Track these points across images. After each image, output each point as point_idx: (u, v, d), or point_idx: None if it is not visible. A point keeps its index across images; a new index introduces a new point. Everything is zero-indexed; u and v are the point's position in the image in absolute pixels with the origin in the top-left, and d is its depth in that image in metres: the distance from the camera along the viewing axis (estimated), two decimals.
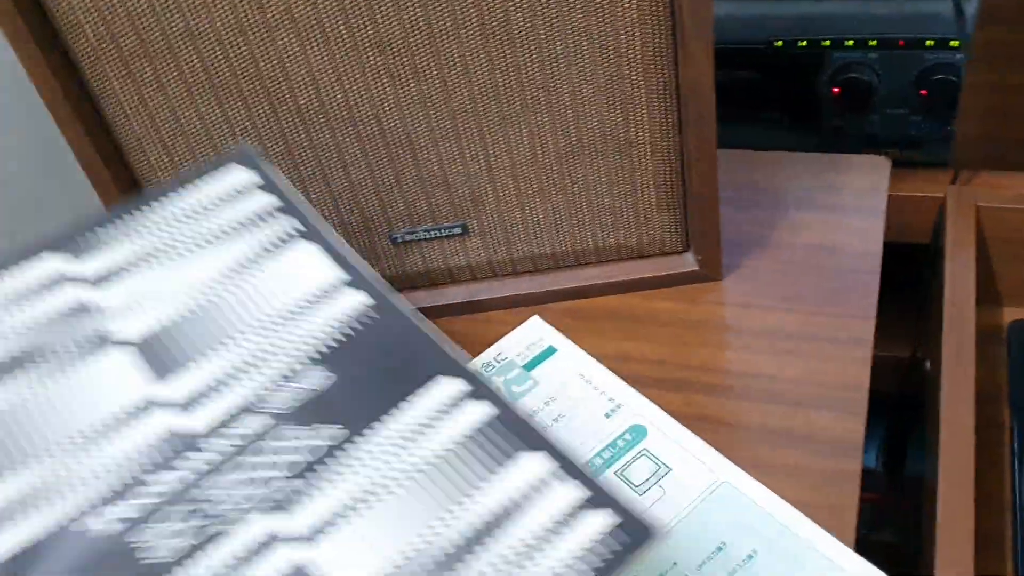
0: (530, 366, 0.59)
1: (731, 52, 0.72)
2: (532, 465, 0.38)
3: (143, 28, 0.51)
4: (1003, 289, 0.70)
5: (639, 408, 0.55)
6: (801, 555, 0.47)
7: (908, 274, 0.73)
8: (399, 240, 0.60)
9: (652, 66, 0.53)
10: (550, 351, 0.60)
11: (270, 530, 0.37)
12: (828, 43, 0.69)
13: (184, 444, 0.39)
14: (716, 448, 0.52)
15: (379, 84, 0.53)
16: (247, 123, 0.55)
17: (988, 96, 0.71)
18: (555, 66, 0.53)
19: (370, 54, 0.52)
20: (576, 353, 0.59)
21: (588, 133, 0.56)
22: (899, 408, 0.85)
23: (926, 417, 0.63)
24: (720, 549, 0.48)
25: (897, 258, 0.69)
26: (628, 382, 0.56)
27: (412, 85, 0.53)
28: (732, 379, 0.56)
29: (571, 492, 0.38)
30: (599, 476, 0.39)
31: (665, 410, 0.54)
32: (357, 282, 0.44)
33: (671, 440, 0.53)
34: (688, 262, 0.62)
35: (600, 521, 0.37)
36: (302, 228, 0.46)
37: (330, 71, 0.53)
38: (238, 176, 0.47)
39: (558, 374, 0.58)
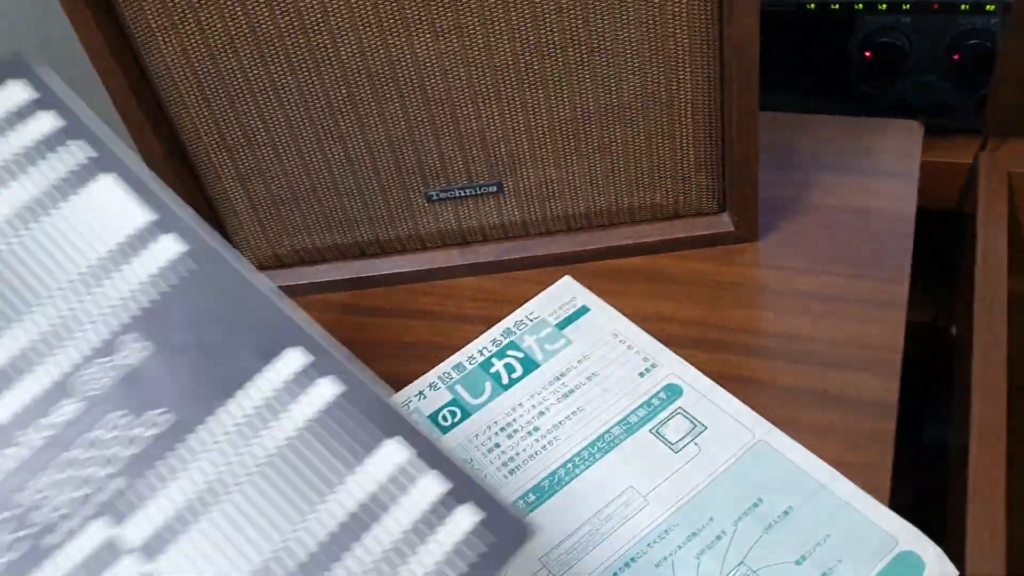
0: (562, 325, 0.59)
1: (765, 15, 0.71)
2: (389, 453, 0.34)
3: None
4: None
5: (674, 367, 0.55)
6: (837, 512, 0.47)
7: (931, 240, 0.73)
8: (435, 198, 0.60)
9: (697, 23, 0.53)
10: (583, 310, 0.60)
11: (105, 538, 0.33)
12: (861, 6, 0.69)
13: None
14: (752, 408, 0.52)
15: (422, 39, 0.53)
16: (289, 78, 0.55)
17: (1023, 61, 0.70)
18: (599, 23, 0.53)
19: (413, 8, 0.52)
20: (609, 312, 0.59)
21: (629, 92, 0.56)
22: (917, 374, 0.85)
23: (952, 384, 0.63)
24: (756, 505, 0.48)
25: (921, 224, 0.69)
26: (662, 342, 0.57)
27: (455, 41, 0.53)
28: (767, 340, 0.56)
29: (431, 485, 0.34)
30: (470, 465, 0.36)
31: (700, 370, 0.55)
32: (168, 223, 0.37)
33: (707, 399, 0.54)
34: (724, 223, 0.62)
35: (465, 518, 0.34)
36: (94, 155, 0.38)
37: (374, 24, 0.52)
38: (11, 94, 0.39)
39: (591, 333, 0.59)
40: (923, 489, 0.74)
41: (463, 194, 0.60)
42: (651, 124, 0.57)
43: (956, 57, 0.68)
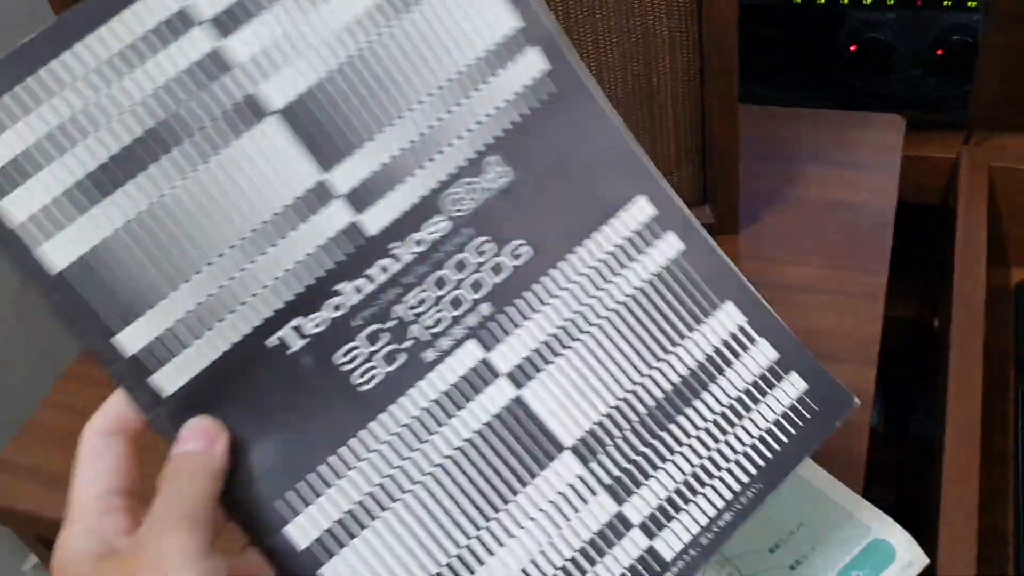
0: None
1: (752, 8, 0.72)
2: (723, 317, 0.36)
3: None
4: (1012, 249, 0.70)
5: None
6: (811, 501, 0.48)
7: (917, 235, 0.74)
8: None
9: (676, 17, 0.53)
10: None
11: (479, 360, 0.34)
12: (847, 1, 0.69)
13: (366, 246, 0.33)
14: None
15: None
16: None
17: (1006, 57, 0.71)
18: (579, 16, 0.53)
19: None
20: None
21: (610, 84, 0.56)
22: (904, 368, 0.86)
23: (934, 376, 0.64)
24: None
25: (906, 218, 0.69)
26: None
27: None
28: None
29: (761, 352, 0.36)
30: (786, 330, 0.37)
31: None
32: (533, 33, 0.35)
33: None
34: (705, 214, 0.62)
35: (791, 386, 0.36)
36: None
37: None
38: None
39: None
40: (910, 481, 0.75)
41: None
42: (632, 116, 0.58)
43: (940, 52, 0.69)
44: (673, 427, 0.35)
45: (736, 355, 0.36)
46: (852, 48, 0.70)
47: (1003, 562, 0.54)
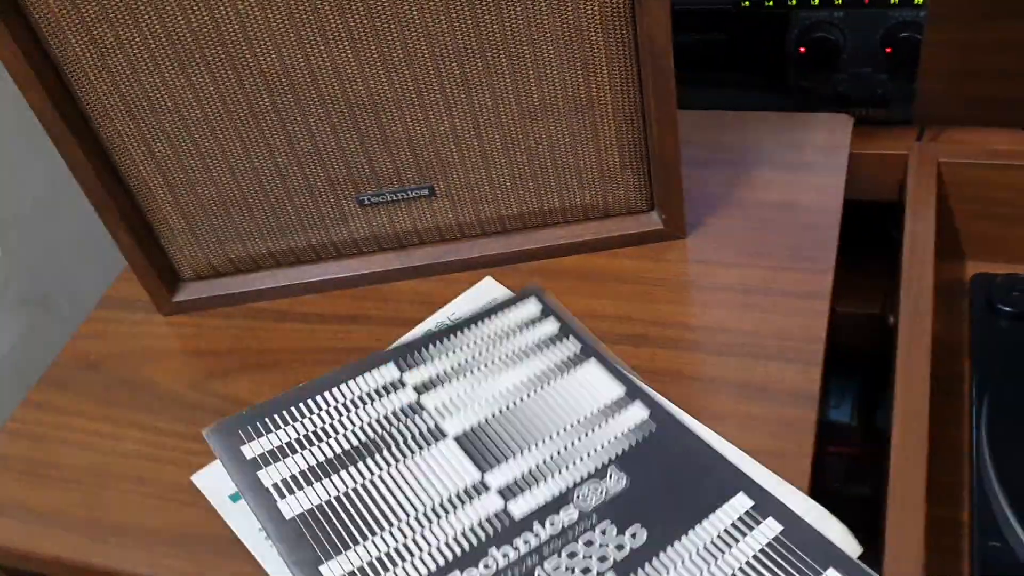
0: None
1: (700, 13, 0.72)
2: None
3: None
4: (966, 243, 0.71)
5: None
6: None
7: (878, 231, 0.74)
8: (366, 202, 0.61)
9: (611, 25, 0.54)
10: None
11: None
12: (794, 2, 0.70)
13: (512, 526, 0.46)
14: (677, 400, 0.53)
15: (340, 47, 0.54)
16: (211, 88, 0.55)
17: (954, 54, 0.71)
18: (515, 27, 0.54)
19: (331, 17, 0.53)
20: None
21: (550, 93, 0.57)
22: (872, 364, 0.86)
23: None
24: None
25: (868, 215, 0.70)
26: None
27: (373, 48, 0.54)
28: (694, 333, 0.57)
29: None
30: None
31: (630, 365, 0.55)
32: (633, 393, 0.52)
33: None
34: (653, 221, 0.63)
35: None
36: (580, 346, 0.55)
37: (291, 34, 0.53)
38: (529, 307, 0.58)
39: None
40: (877, 477, 0.75)
41: (395, 198, 0.61)
42: (574, 126, 0.58)
43: (889, 50, 0.69)
44: None
45: None
46: (802, 49, 0.71)
47: (958, 555, 0.54)
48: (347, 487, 0.49)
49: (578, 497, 0.47)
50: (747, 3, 0.71)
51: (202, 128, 0.57)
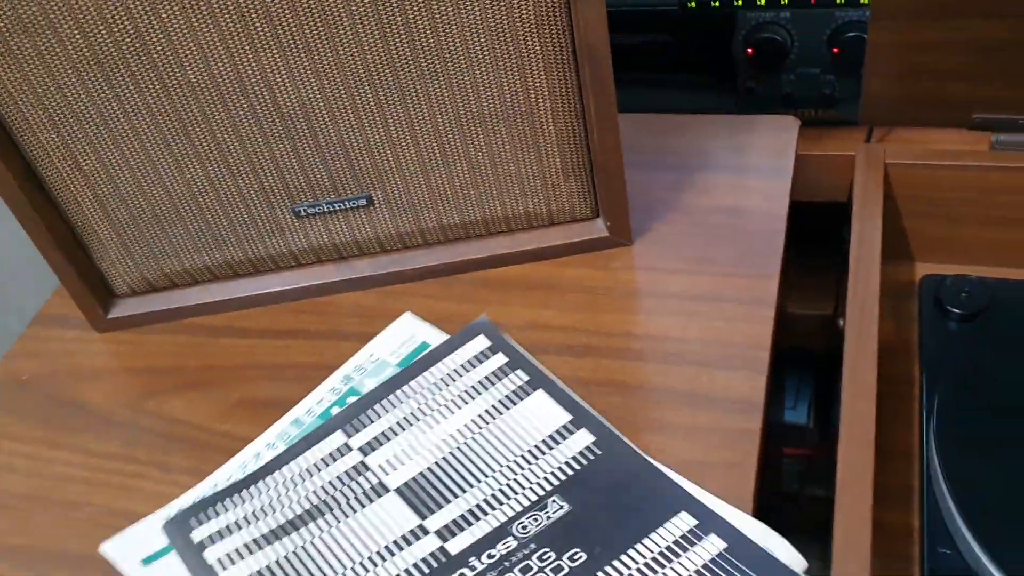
0: (404, 364, 0.58)
1: (645, 15, 0.71)
2: None
3: (18, 2, 0.49)
4: (915, 244, 0.70)
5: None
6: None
7: (831, 232, 0.73)
8: (302, 213, 0.60)
9: (547, 31, 0.53)
10: (423, 347, 0.58)
11: None
12: (740, 3, 0.69)
13: (448, 562, 0.47)
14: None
15: (269, 55, 0.52)
16: (138, 100, 0.54)
17: (900, 54, 0.71)
18: (448, 32, 0.52)
19: (258, 24, 0.51)
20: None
21: (488, 99, 0.55)
22: (827, 365, 0.86)
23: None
24: None
25: (820, 217, 0.69)
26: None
27: (303, 55, 0.53)
28: (638, 342, 0.56)
29: None
30: None
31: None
32: (580, 420, 0.52)
33: None
34: (598, 228, 0.62)
35: None
36: (528, 378, 0.54)
37: (218, 42, 0.52)
38: (477, 343, 0.57)
39: None
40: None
41: (331, 208, 0.60)
42: (514, 133, 0.57)
43: (836, 51, 0.69)
44: None
45: None
46: (749, 51, 0.70)
47: (910, 561, 0.54)
48: (287, 550, 0.49)
49: (517, 528, 0.47)
50: (693, 4, 0.71)
51: (130, 140, 0.55)
